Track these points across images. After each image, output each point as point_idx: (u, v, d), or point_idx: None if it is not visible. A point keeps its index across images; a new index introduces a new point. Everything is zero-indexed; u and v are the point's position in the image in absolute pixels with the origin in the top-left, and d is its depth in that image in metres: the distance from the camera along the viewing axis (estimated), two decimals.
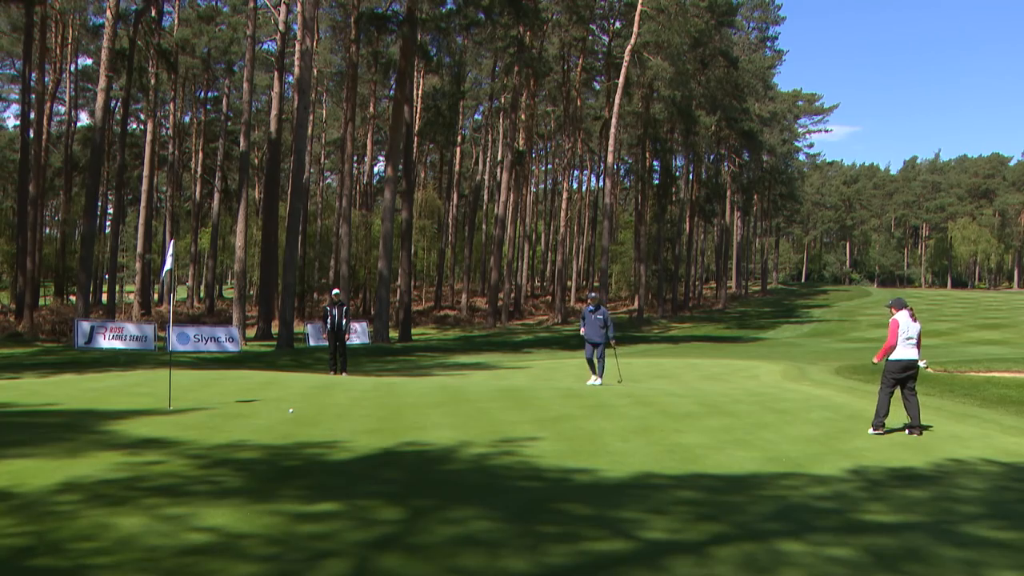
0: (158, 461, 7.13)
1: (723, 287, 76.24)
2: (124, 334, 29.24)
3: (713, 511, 5.86)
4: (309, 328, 34.82)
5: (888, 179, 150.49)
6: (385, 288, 38.56)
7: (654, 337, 44.17)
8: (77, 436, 8.35)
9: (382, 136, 69.17)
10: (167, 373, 12.65)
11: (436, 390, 13.51)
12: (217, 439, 8.33)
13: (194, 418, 9.87)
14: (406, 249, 41.51)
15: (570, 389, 13.72)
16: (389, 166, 39.94)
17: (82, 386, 13.89)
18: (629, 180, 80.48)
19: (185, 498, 5.85)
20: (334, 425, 9.55)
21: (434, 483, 6.59)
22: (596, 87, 67.89)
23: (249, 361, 25.20)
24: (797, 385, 15.42)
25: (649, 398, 12.31)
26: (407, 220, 41.30)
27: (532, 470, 7.13)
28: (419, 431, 9.14)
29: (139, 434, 8.56)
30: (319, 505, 5.77)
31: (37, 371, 19.28)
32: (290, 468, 7.08)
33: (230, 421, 9.66)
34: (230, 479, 6.54)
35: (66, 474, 6.48)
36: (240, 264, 39.96)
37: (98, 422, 9.43)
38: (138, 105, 65.95)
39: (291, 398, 12.19)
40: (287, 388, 13.86)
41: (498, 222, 54.62)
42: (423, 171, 77.28)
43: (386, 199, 39.48)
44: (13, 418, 9.80)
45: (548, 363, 24.86)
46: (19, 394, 12.46)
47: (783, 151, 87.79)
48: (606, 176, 54.02)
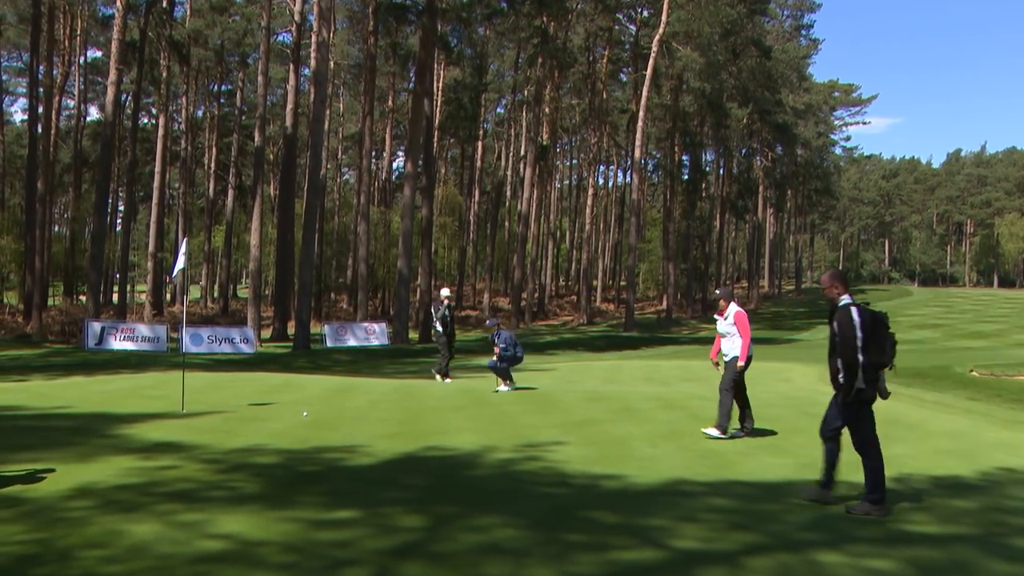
0: (171, 466, 7.20)
1: (755, 286, 75.75)
2: (136, 335, 29.53)
3: (746, 519, 5.81)
4: (326, 329, 35.02)
5: (930, 173, 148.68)
6: (405, 288, 38.69)
7: (683, 338, 43.95)
8: (88, 440, 8.45)
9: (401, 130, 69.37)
10: (180, 375, 12.76)
11: (458, 393, 13.53)
12: (232, 443, 8.39)
13: (208, 421, 9.95)
14: (426, 247, 41.62)
15: (596, 392, 13.69)
16: (408, 161, 40.08)
17: (92, 388, 14.05)
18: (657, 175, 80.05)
19: (199, 504, 5.89)
20: (353, 429, 9.59)
21: (457, 489, 6.59)
22: (623, 79, 67.68)
23: (264, 363, 25.37)
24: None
25: (678, 401, 12.26)
26: (427, 217, 41.40)
27: (558, 476, 7.11)
28: (440, 435, 9.15)
29: (151, 438, 8.64)
30: (338, 512, 5.79)
31: (46, 373, 19.52)
32: (308, 473, 7.11)
33: (245, 425, 9.73)
34: (246, 485, 6.58)
35: (76, 479, 6.55)
36: (255, 263, 40.28)
37: (109, 426, 9.53)
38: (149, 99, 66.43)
39: (308, 401, 12.25)
40: (304, 391, 13.94)
41: (521, 219, 54.61)
42: (444, 166, 77.44)
43: (405, 195, 39.62)
44: (22, 421, 9.92)
45: (573, 365, 24.80)
46: (28, 397, 12.62)
47: (818, 144, 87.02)
48: (633, 171, 53.85)
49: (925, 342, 37.83)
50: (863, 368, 6.12)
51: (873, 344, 6.16)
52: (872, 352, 6.14)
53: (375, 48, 47.85)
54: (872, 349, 6.15)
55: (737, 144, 70.31)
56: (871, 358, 6.14)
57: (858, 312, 6.22)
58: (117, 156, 56.22)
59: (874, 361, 6.15)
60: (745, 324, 9.05)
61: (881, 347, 6.17)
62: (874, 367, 6.17)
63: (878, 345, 6.17)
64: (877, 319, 6.26)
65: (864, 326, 6.16)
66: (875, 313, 6.31)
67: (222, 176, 65.43)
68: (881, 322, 6.26)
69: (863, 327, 6.16)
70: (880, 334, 6.20)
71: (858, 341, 6.13)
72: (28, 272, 40.60)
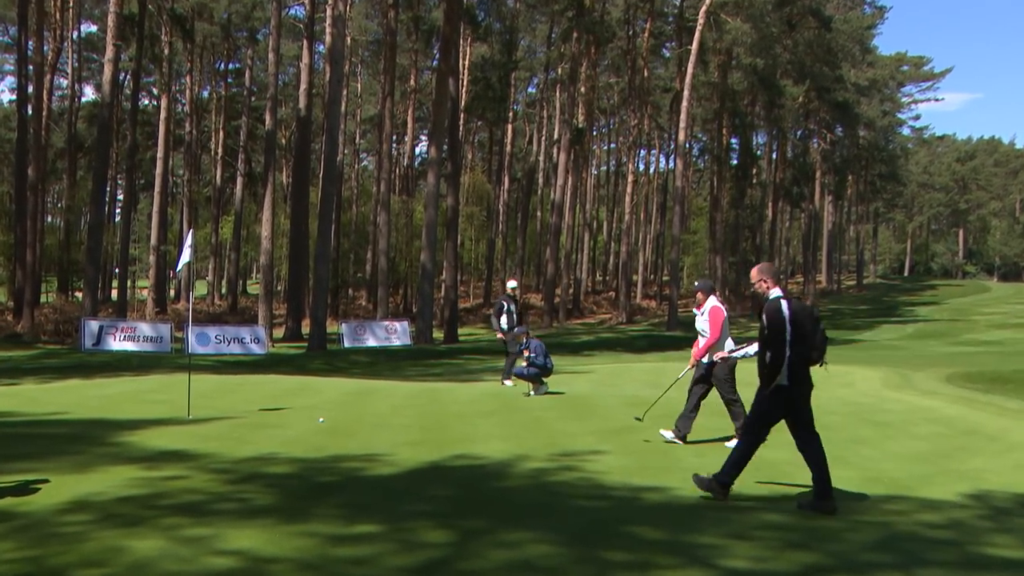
0: (176, 476, 7.27)
1: (811, 282, 75.00)
2: (137, 335, 29.80)
3: (804, 538, 5.74)
4: (344, 328, 35.17)
5: (1013, 154, 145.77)
6: (428, 283, 38.79)
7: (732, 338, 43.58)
8: (85, 449, 8.55)
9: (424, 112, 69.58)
10: (186, 378, 12.89)
11: (486, 397, 13.54)
12: (242, 452, 8.46)
13: (216, 428, 10.03)
14: (452, 239, 41.70)
15: (636, 396, 13.62)
16: (432, 146, 40.15)
17: (90, 393, 14.23)
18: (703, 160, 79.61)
19: (207, 518, 5.94)
20: (372, 436, 9.63)
21: (485, 502, 6.59)
22: (666, 55, 67.25)
23: (277, 364, 25.56)
24: (900, 394, 15.07)
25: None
26: (453, 207, 41.48)
27: (596, 488, 7.09)
28: (468, 443, 9.16)
29: (155, 446, 8.74)
30: (357, 526, 5.81)
31: (39, 376, 19.77)
32: (324, 484, 7.15)
33: (256, 431, 9.80)
34: (257, 496, 6.63)
35: (73, 491, 6.61)
36: (266, 256, 40.61)
37: (108, 433, 9.65)
38: (150, 78, 67.03)
39: (324, 406, 12.32)
40: (320, 395, 14.02)
41: (554, 209, 54.55)
42: (470, 152, 77.56)
43: (429, 183, 39.70)
44: (13, 429, 10.05)
45: (611, 367, 24.72)
46: (19, 402, 12.80)
47: (883, 124, 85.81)
48: (677, 156, 53.54)
49: (1005, 343, 37.21)
50: (790, 364, 6.40)
51: (803, 338, 6.44)
52: (801, 347, 6.43)
53: (395, 22, 47.99)
54: (801, 344, 6.43)
55: (792, 125, 69.59)
56: (801, 353, 6.43)
57: (788, 305, 6.49)
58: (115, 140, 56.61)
59: (803, 356, 6.45)
60: (717, 323, 9.21)
61: (811, 342, 6.47)
62: (803, 363, 6.47)
63: (808, 340, 6.46)
64: (807, 313, 6.58)
65: (794, 320, 6.44)
66: (805, 306, 6.65)
67: (230, 162, 66.03)
68: (811, 316, 6.57)
69: (792, 321, 6.43)
70: (810, 328, 6.48)
71: (787, 335, 6.40)
72: (19, 266, 40.46)
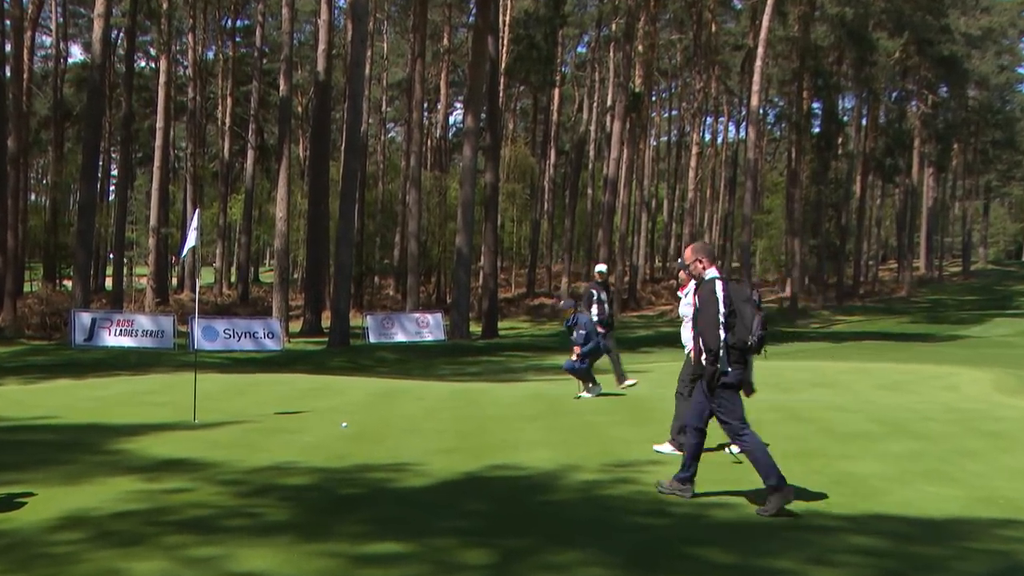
0: (181, 489, 7.35)
1: (907, 268, 73.99)
2: (135, 328, 30.15)
3: (901, 565, 5.66)
4: (369, 320, 35.38)
5: None
6: (464, 270, 38.88)
7: (812, 333, 43.27)
8: (77, 457, 8.67)
9: (459, 76, 69.70)
10: (191, 378, 13.01)
11: (530, 399, 13.55)
12: (255, 460, 8.55)
13: (226, 434, 10.15)
14: (491, 220, 41.73)
15: None
16: (469, 115, 40.19)
17: (82, 394, 14.45)
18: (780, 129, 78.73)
19: (216, 535, 6.00)
20: (402, 443, 9.68)
21: (529, 518, 6.59)
22: (737, 6, 66.72)
23: (294, 362, 25.80)
24: (1016, 400, 14.84)
25: (806, 412, 12.06)
26: (492, 184, 41.49)
27: (656, 503, 7.07)
28: (509, 451, 9.18)
29: (156, 455, 8.85)
30: (384, 544, 5.83)
31: (23, 376, 20.11)
32: (347, 497, 7.20)
33: (271, 438, 9.90)
34: (272, 511, 6.69)
35: (64, 506, 6.68)
36: (281, 240, 40.88)
37: (103, 440, 9.79)
38: (147, 37, 67.24)
39: (347, 409, 12.40)
40: (342, 396, 14.13)
41: (608, 185, 54.33)
42: (512, 121, 77.55)
43: (465, 157, 39.77)
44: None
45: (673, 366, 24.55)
46: (1, 405, 12.99)
47: (999, 82, 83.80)
48: (749, 124, 53.05)
49: None
50: (726, 348, 6.68)
51: (738, 322, 6.72)
52: (738, 331, 6.71)
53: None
54: (737, 328, 6.71)
55: (886, 86, 68.53)
56: (737, 338, 6.71)
57: (723, 286, 6.79)
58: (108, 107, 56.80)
59: (739, 341, 6.73)
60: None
61: (746, 325, 6.72)
62: (739, 349, 6.77)
63: (746, 324, 6.72)
64: (745, 296, 6.83)
65: (728, 302, 6.73)
66: (743, 289, 6.92)
67: (239, 133, 66.52)
68: (748, 298, 6.82)
69: (727, 303, 6.73)
70: (746, 312, 6.74)
71: (721, 317, 6.69)
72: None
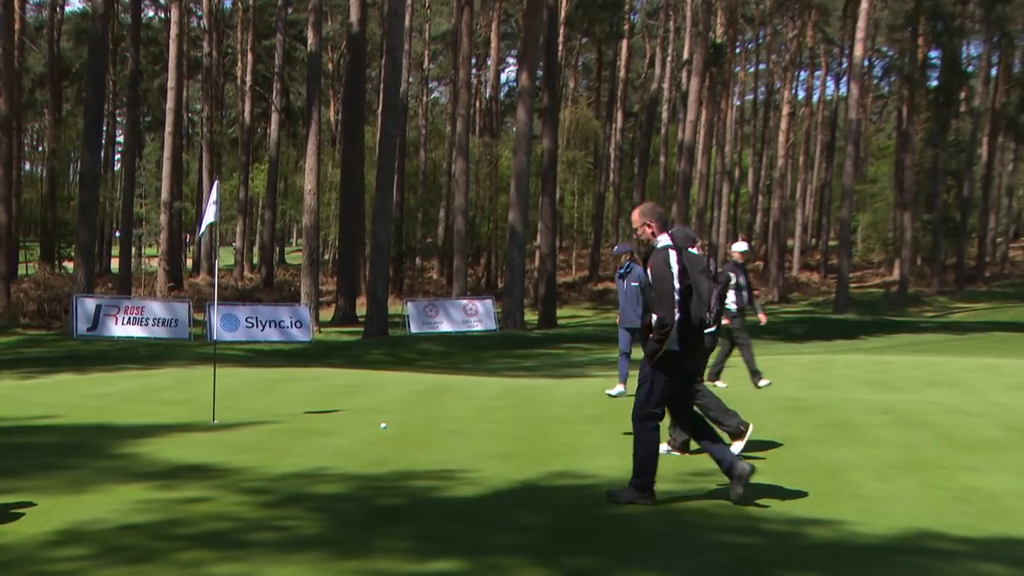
0: (199, 498, 7.42)
1: None
2: (145, 317, 30.57)
3: None
4: (410, 308, 35.55)
5: None
6: (518, 251, 38.91)
7: (926, 324, 42.72)
8: (81, 463, 8.79)
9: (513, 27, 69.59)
10: (209, 372, 13.17)
11: (595, 398, 13.53)
12: (282, 466, 8.63)
13: (249, 436, 10.26)
14: (548, 193, 41.69)
15: (794, 400, 13.46)
16: (523, 72, 40.11)
17: (86, 391, 14.65)
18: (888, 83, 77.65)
19: (238, 551, 6.04)
20: (449, 447, 9.71)
21: (595, 533, 6.58)
22: None
23: (325, 355, 26.01)
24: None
25: (921, 416, 11.91)
26: (550, 151, 41.43)
27: (741, 518, 7.03)
28: (572, 457, 9.19)
29: (170, 459, 8.97)
30: (431, 563, 5.85)
31: (19, 370, 20.42)
32: (387, 509, 7.24)
33: (300, 441, 9.99)
34: (302, 524, 6.74)
35: (67, 517, 6.75)
36: (310, 216, 41.17)
37: (111, 442, 9.93)
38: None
39: (386, 408, 12.47)
40: (381, 394, 14.21)
41: (683, 152, 54.00)
42: (573, 79, 77.36)
43: (519, 121, 39.73)
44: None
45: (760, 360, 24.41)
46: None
47: None
48: (851, 78, 52.35)
49: None
50: (680, 326, 6.82)
51: (694, 297, 6.89)
52: (694, 307, 6.87)
53: None
54: (694, 303, 6.88)
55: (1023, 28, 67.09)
56: (693, 315, 6.87)
57: (677, 257, 6.90)
58: (112, 64, 57.08)
59: (695, 318, 6.89)
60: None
61: (703, 300, 6.92)
62: (694, 327, 6.92)
63: (701, 298, 6.92)
64: (700, 265, 7.01)
65: (684, 274, 6.86)
66: (698, 258, 7.07)
67: (262, 94, 67.04)
68: (704, 269, 7.02)
69: (682, 275, 6.85)
70: (702, 284, 6.93)
71: (675, 293, 6.81)
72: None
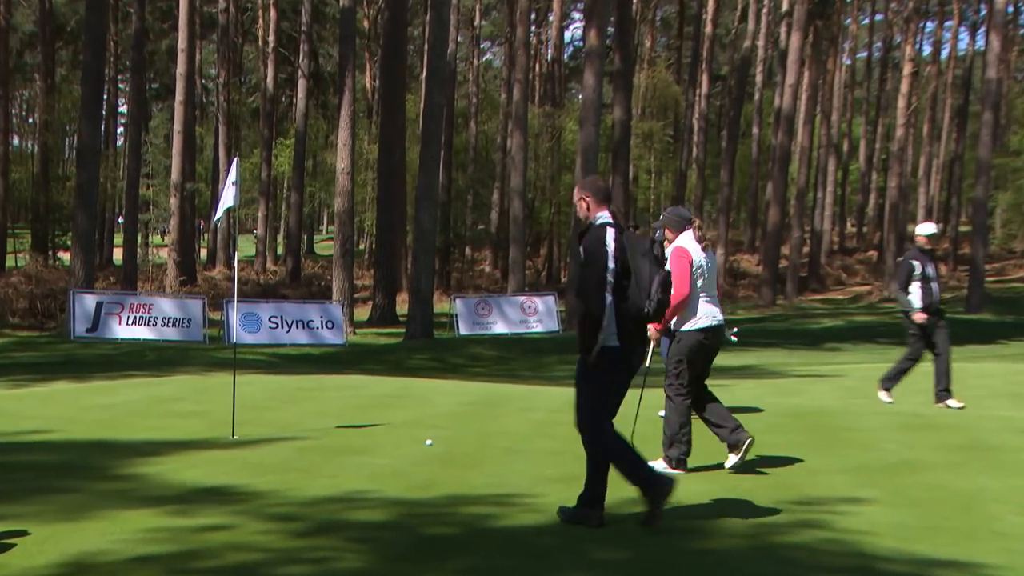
0: (218, 526, 7.45)
1: None
2: (153, 316, 30.85)
3: None
4: (459, 306, 35.62)
5: None
6: None
7: None
8: (82, 485, 8.84)
9: None
10: (228, 380, 13.24)
11: None
12: (313, 489, 8.66)
13: (274, 454, 10.31)
14: (620, 172, 41.57)
15: (917, 415, 13.33)
16: (592, 29, 39.94)
17: (86, 402, 14.78)
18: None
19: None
20: (505, 467, 9.70)
21: (680, 570, 6.57)
22: None
23: (361, 360, 26.13)
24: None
25: None
26: (622, 122, 41.32)
27: (854, 555, 6.97)
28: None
29: (184, 481, 9.01)
30: None
31: (9, 377, 20.63)
32: (436, 539, 7.24)
33: (334, 460, 10.02)
34: (338, 556, 6.77)
35: (65, 548, 6.78)
36: (344, 199, 41.26)
37: (115, 462, 9.99)
38: None
39: (432, 422, 12.50)
40: (426, 405, 14.25)
41: (780, 122, 53.64)
42: (650, 37, 77.00)
43: (586, 87, 39.57)
44: None
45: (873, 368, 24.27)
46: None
47: None
48: (990, 29, 51.62)
49: None
50: (617, 316, 6.84)
51: (632, 284, 6.87)
52: (631, 295, 6.87)
53: None
54: (631, 291, 6.87)
55: None
56: (630, 303, 6.85)
57: (615, 235, 6.92)
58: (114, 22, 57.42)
59: (633, 308, 6.87)
60: (682, 270, 9.15)
61: (643, 287, 6.85)
62: (633, 318, 6.90)
63: (641, 283, 6.86)
64: (642, 247, 6.97)
65: (620, 255, 6.87)
66: (640, 239, 7.06)
67: (287, 57, 67.39)
68: (647, 252, 6.95)
69: (619, 256, 6.86)
70: (643, 269, 6.88)
71: (608, 274, 6.82)
72: None
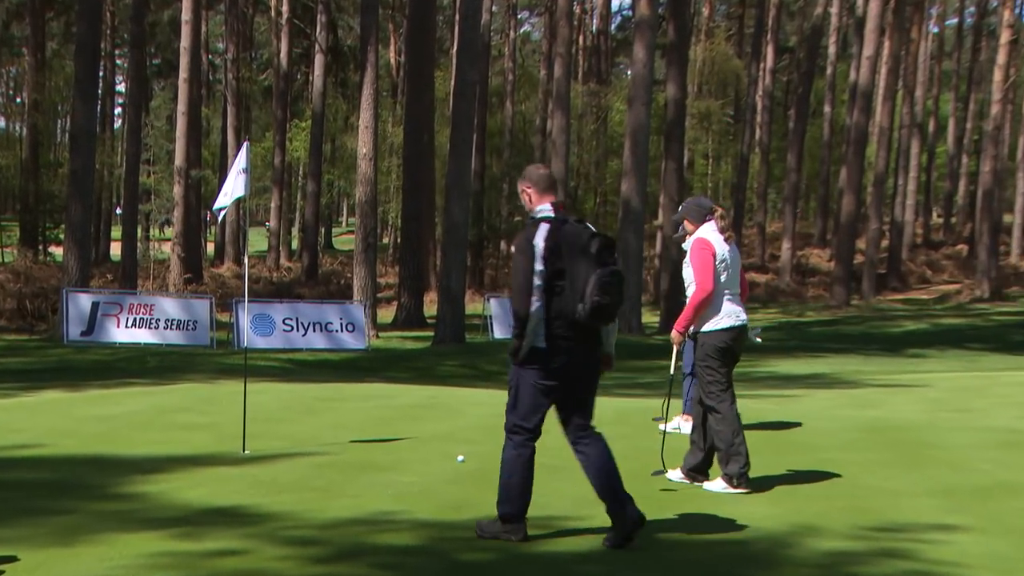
0: (229, 551, 7.43)
1: None
2: (155, 317, 30.98)
3: None
4: (493, 306, 35.66)
5: None
6: (634, 232, 38.76)
7: None
8: (77, 505, 8.85)
9: None
10: (238, 389, 13.25)
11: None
12: (333, 510, 8.64)
13: (289, 471, 10.30)
14: (673, 157, 41.49)
15: (1014, 432, 13.28)
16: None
17: (81, 413, 14.83)
18: None
19: None
20: (545, 486, 9.58)
21: None
22: None
23: (385, 366, 26.19)
24: None
25: None
26: (676, 100, 41.24)
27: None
28: (706, 501, 9.12)
29: (190, 500, 9.01)
30: None
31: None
32: (470, 565, 7.22)
33: (355, 478, 10.01)
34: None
35: (59, 574, 6.79)
36: (365, 188, 41.26)
37: (113, 479, 10.00)
38: None
39: (464, 436, 12.48)
40: (457, 416, 14.25)
41: (856, 99, 53.42)
42: (707, 5, 76.84)
43: (636, 61, 39.53)
44: None
45: (963, 377, 24.19)
46: None
47: None
48: None
49: None
50: (546, 320, 6.98)
51: (566, 284, 6.96)
52: (566, 296, 6.95)
53: None
54: (566, 291, 6.95)
55: None
56: (562, 306, 6.96)
57: (548, 231, 7.03)
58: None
59: (564, 311, 6.96)
60: (704, 264, 9.22)
61: (576, 288, 6.91)
62: (564, 319, 6.97)
63: (575, 283, 6.92)
64: (580, 243, 7.00)
65: (551, 253, 6.95)
66: (580, 232, 7.07)
67: (303, 29, 67.58)
68: (585, 248, 6.97)
69: (549, 253, 6.95)
70: (578, 269, 6.93)
71: (536, 276, 6.96)
72: None
